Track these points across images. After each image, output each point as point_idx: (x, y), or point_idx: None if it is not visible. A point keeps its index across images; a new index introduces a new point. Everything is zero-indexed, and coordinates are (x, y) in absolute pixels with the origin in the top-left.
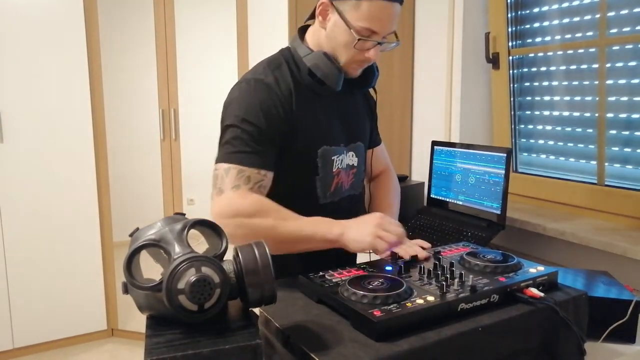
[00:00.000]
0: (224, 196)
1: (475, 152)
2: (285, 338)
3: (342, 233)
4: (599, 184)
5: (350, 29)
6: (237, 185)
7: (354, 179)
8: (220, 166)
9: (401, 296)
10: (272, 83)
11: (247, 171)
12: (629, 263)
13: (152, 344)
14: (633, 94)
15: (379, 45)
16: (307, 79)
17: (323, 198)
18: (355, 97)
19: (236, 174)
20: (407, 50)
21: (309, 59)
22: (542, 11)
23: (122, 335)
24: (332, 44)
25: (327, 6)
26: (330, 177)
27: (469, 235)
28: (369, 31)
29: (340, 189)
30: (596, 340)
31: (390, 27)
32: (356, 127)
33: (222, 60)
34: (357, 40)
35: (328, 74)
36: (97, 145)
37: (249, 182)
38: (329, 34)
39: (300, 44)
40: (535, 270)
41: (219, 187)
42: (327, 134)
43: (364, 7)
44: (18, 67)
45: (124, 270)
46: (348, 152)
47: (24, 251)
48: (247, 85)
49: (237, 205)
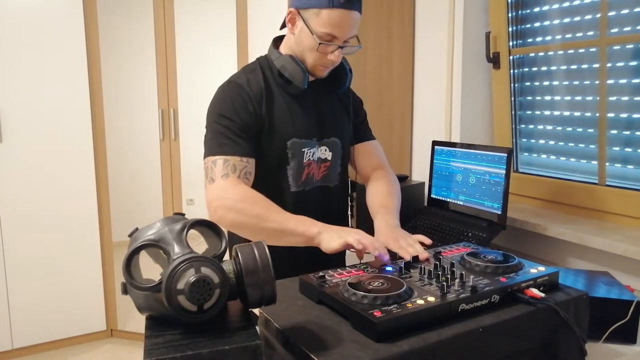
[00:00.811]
0: (215, 184)
1: (476, 152)
2: (285, 339)
3: (320, 232)
4: (599, 184)
5: (313, 35)
6: (225, 173)
7: (327, 172)
8: (208, 160)
9: (401, 297)
10: (244, 83)
11: (231, 160)
12: (630, 263)
13: (152, 345)
14: (634, 94)
15: (340, 48)
16: (279, 79)
17: (294, 186)
18: (331, 97)
19: (222, 164)
20: (407, 50)
21: (278, 61)
22: (543, 10)
23: (121, 335)
24: (300, 48)
25: (294, 14)
26: (301, 167)
27: (470, 235)
28: (329, 36)
29: (311, 179)
30: (597, 340)
31: (350, 33)
32: (330, 124)
33: (222, 60)
34: (319, 44)
35: (294, 74)
36: (96, 145)
37: (235, 170)
38: (296, 39)
39: (274, 50)
40: (536, 271)
41: (210, 177)
42: (297, 128)
43: (324, 15)
44: (17, 67)
45: (123, 271)
46: (320, 146)
47: (23, 251)
48: (223, 87)
49: (228, 192)
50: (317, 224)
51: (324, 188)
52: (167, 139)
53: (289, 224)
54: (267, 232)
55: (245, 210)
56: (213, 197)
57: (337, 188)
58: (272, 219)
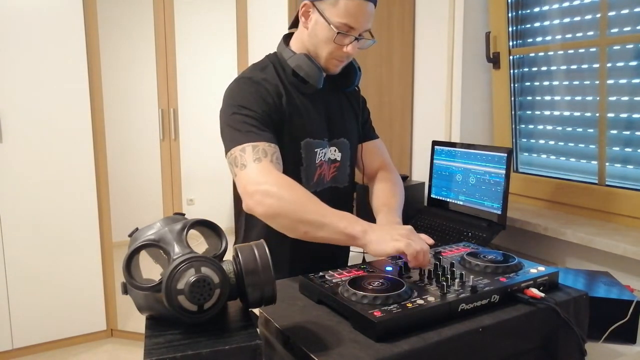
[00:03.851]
0: (248, 169)
1: (476, 152)
2: (285, 339)
3: (365, 231)
4: (599, 184)
5: (329, 25)
6: (257, 158)
7: (337, 172)
8: (234, 150)
9: (401, 296)
10: (260, 80)
11: (260, 145)
12: (630, 263)
13: (152, 345)
14: (634, 94)
15: (356, 41)
16: (292, 78)
17: (306, 187)
18: (340, 97)
19: (252, 150)
20: (407, 50)
21: (292, 60)
22: (543, 10)
23: (121, 335)
24: (314, 41)
25: (309, 7)
26: (314, 167)
27: (470, 235)
28: (346, 27)
29: (322, 180)
30: (597, 340)
31: (366, 24)
32: (340, 124)
33: (222, 60)
34: (336, 35)
35: (310, 73)
36: (96, 145)
37: (267, 155)
38: (310, 32)
39: (285, 48)
40: (536, 271)
41: (241, 163)
42: (310, 129)
43: (341, 4)
44: (17, 67)
45: (123, 271)
46: (330, 147)
47: (23, 251)
48: (237, 82)
49: (265, 176)
50: (360, 221)
51: (334, 189)
52: (167, 139)
53: (330, 217)
54: (305, 223)
55: (284, 196)
56: (248, 181)
57: (347, 189)
58: (312, 210)
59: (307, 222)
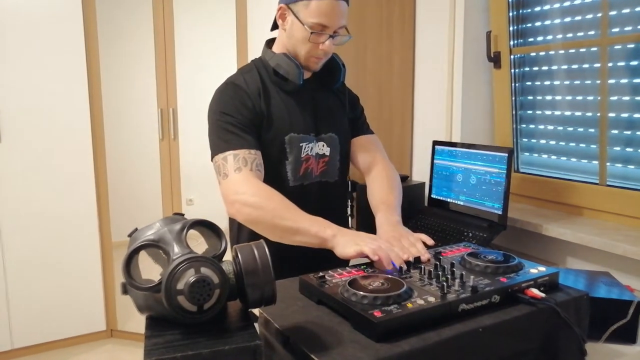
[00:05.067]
0: (230, 179)
1: (477, 152)
2: (285, 339)
3: (335, 235)
4: (600, 184)
5: (304, 25)
6: (238, 167)
7: (326, 167)
8: (217, 158)
9: (402, 297)
10: (241, 83)
11: (240, 153)
12: (630, 263)
13: (152, 345)
14: (635, 94)
15: (331, 38)
16: (274, 77)
17: (293, 180)
18: (328, 94)
19: (233, 159)
20: (408, 50)
21: (272, 60)
22: (544, 10)
23: (121, 336)
24: (292, 41)
25: (284, 10)
26: (299, 161)
27: (470, 235)
28: (320, 26)
29: (310, 174)
30: (597, 340)
31: (339, 22)
32: (328, 120)
33: (221, 60)
34: (310, 34)
35: (289, 70)
36: (95, 145)
37: (247, 164)
38: (288, 33)
39: (267, 51)
40: (537, 271)
41: (224, 173)
42: (294, 124)
43: (313, 5)
44: (16, 66)
45: (122, 271)
46: (318, 142)
47: (22, 251)
48: (221, 88)
49: (243, 186)
50: (332, 226)
51: (323, 183)
52: (166, 138)
53: (303, 223)
54: (281, 229)
55: (261, 205)
56: (229, 191)
57: (337, 184)
58: (286, 217)
59: (283, 229)
